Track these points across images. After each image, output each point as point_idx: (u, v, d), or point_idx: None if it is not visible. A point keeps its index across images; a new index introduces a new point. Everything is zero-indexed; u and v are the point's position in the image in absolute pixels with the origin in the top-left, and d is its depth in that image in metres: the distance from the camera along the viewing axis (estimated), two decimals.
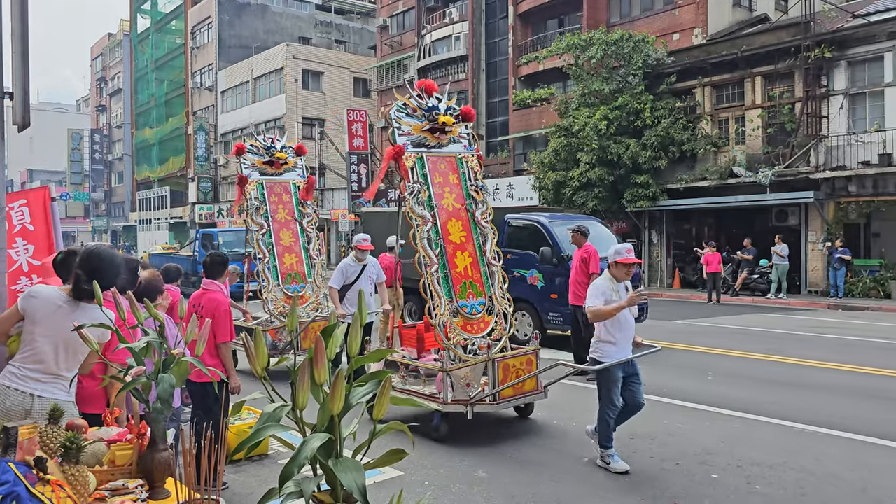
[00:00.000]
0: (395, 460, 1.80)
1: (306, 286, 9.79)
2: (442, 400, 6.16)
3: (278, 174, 10.01)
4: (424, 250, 6.41)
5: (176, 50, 54.27)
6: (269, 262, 9.47)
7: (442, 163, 6.94)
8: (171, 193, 54.74)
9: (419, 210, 6.51)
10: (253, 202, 9.66)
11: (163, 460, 2.70)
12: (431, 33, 34.48)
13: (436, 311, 6.32)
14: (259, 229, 9.53)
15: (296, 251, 9.83)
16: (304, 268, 9.84)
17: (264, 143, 9.89)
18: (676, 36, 24.61)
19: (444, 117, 6.71)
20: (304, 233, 10.02)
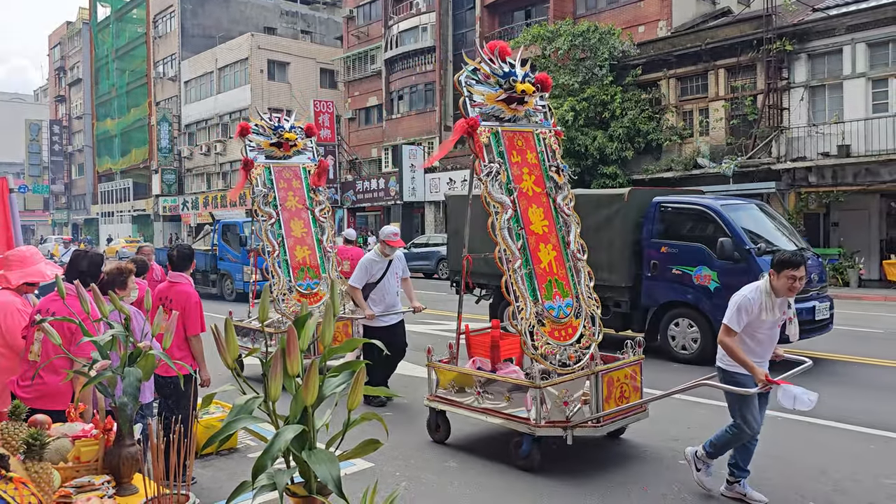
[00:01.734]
0: (370, 450, 1.78)
1: (320, 282, 8.69)
2: (534, 422, 5.15)
3: (287, 157, 8.92)
4: (505, 243, 5.38)
5: (137, 39, 53.20)
6: (278, 255, 8.39)
7: (519, 139, 5.88)
8: (133, 186, 53.76)
9: (498, 195, 5.47)
10: (260, 189, 8.55)
11: (130, 456, 2.65)
12: (398, 24, 34.29)
13: (521, 315, 5.30)
14: (267, 219, 8.48)
15: (308, 243, 8.75)
16: (318, 261, 8.73)
17: (271, 122, 8.85)
18: (642, 28, 24.82)
19: (522, 85, 5.64)
20: (317, 222, 8.93)
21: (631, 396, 5.53)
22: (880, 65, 18.95)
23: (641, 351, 5.74)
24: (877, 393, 7.77)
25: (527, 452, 5.28)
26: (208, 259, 19.52)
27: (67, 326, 3.41)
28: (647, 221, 9.89)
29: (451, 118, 32.77)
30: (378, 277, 7.38)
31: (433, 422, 6.13)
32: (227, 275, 18.95)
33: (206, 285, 19.34)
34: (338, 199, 34.86)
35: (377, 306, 7.37)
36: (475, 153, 5.55)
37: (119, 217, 55.79)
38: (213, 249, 19.44)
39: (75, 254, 3.99)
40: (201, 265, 19.22)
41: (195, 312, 5.03)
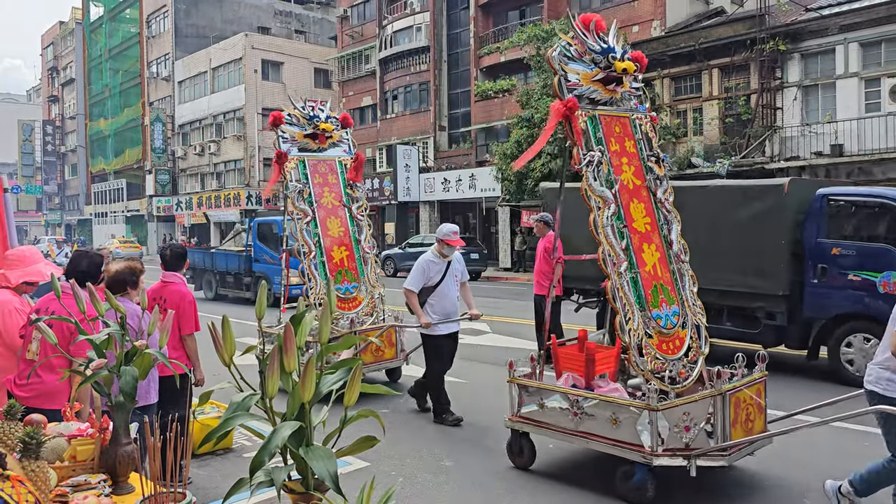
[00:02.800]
0: (367, 447, 1.79)
1: (359, 286, 8.02)
2: (649, 449, 4.47)
3: (321, 150, 8.24)
4: (609, 243, 4.73)
5: (131, 39, 53.05)
6: (315, 257, 7.72)
7: (616, 125, 5.20)
8: (127, 186, 53.61)
9: (599, 188, 4.84)
10: (295, 184, 7.86)
11: (126, 454, 2.65)
12: (393, 24, 34.28)
13: (629, 326, 4.65)
14: (303, 217, 7.78)
15: (346, 243, 8.08)
16: (356, 264, 8.08)
17: (305, 111, 8.15)
18: (636, 28, 24.87)
19: (622, 63, 5.00)
20: (355, 221, 8.26)
21: (756, 420, 4.89)
22: (873, 64, 19.03)
23: (765, 366, 5.04)
24: None
25: (640, 483, 4.58)
26: (241, 261, 18.02)
27: (67, 326, 3.41)
28: (810, 218, 8.37)
29: (445, 118, 32.79)
30: (436, 281, 6.65)
31: (516, 445, 5.42)
32: (263, 277, 16.96)
33: (239, 289, 18.09)
34: None
35: (435, 313, 6.63)
36: (572, 140, 4.92)
37: (112, 218, 55.62)
38: (248, 250, 17.99)
39: (76, 253, 4.00)
40: (233, 267, 18.18)
41: (189, 311, 5.03)
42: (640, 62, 5.26)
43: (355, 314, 7.87)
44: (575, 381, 5.18)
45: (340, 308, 7.67)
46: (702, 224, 8.14)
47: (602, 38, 5.15)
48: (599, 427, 4.79)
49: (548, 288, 9.08)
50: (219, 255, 19.16)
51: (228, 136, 43.59)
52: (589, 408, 4.88)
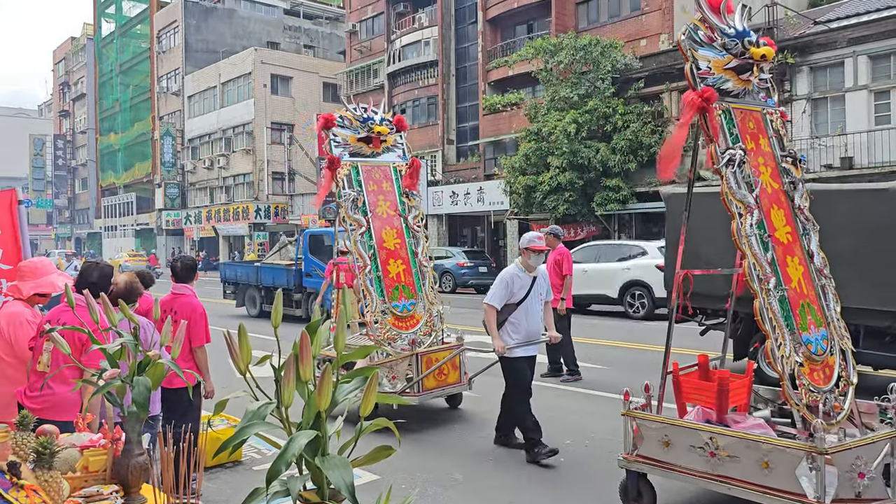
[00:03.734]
0: (382, 457, 1.78)
1: (416, 302, 7.34)
2: (816, 500, 3.77)
3: (375, 154, 7.58)
4: (754, 254, 4.10)
5: (141, 54, 53.56)
6: (370, 270, 7.08)
7: (750, 119, 4.54)
8: (136, 200, 53.96)
9: (740, 192, 4.21)
10: (348, 192, 7.18)
11: (138, 465, 2.64)
12: (401, 38, 34.49)
13: (780, 353, 4.03)
14: (357, 228, 7.11)
15: (402, 256, 7.41)
16: (414, 278, 7.41)
17: (358, 113, 7.51)
18: (643, 42, 24.93)
19: (759, 49, 4.34)
20: (411, 232, 7.58)
21: None
22: (882, 77, 19.00)
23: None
24: None
25: None
26: (290, 275, 16.78)
27: (78, 336, 3.42)
28: None
29: (453, 132, 32.88)
30: (520, 297, 5.88)
31: (633, 489, 4.67)
32: (315, 293, 15.93)
33: (288, 306, 16.49)
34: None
35: (517, 333, 5.88)
36: (708, 136, 4.30)
37: (122, 231, 55.94)
38: (297, 264, 16.80)
39: (86, 265, 4.00)
40: (281, 282, 16.94)
41: (200, 323, 5.03)
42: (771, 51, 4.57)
43: (413, 333, 7.17)
44: (706, 415, 4.50)
45: (397, 327, 7.03)
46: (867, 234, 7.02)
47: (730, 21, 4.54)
48: (744, 471, 4.07)
49: (556, 301, 9.15)
50: (265, 270, 17.89)
51: (237, 149, 43.84)
52: (730, 448, 4.15)
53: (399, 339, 7.03)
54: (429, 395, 6.97)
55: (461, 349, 7.09)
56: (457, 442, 6.49)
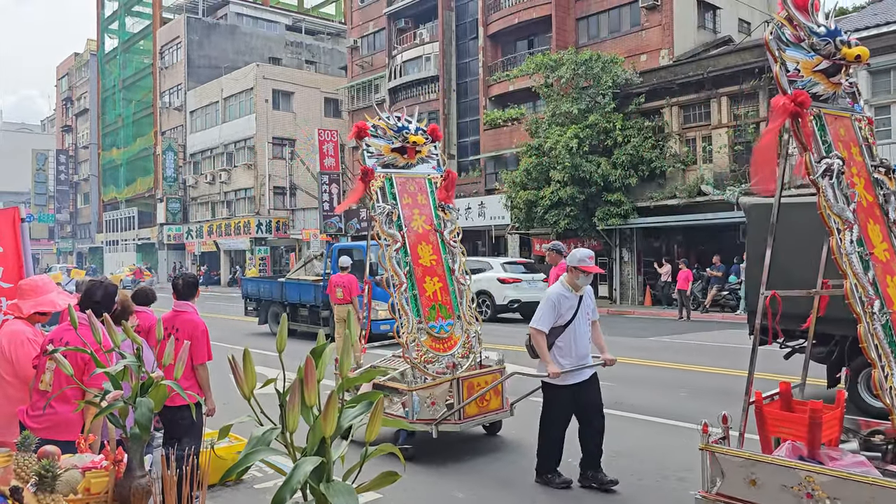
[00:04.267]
0: (388, 483, 1.76)
1: (454, 323, 6.86)
2: None
3: (409, 166, 7.15)
4: (855, 274, 3.73)
5: (144, 70, 53.85)
6: (406, 288, 6.60)
7: (840, 126, 4.24)
8: (138, 214, 54.04)
9: (838, 206, 3.87)
10: (383, 206, 6.75)
11: (141, 487, 2.62)
12: (402, 54, 34.67)
13: (889, 384, 3.69)
14: (392, 243, 6.66)
15: (439, 274, 6.97)
16: (451, 297, 6.96)
17: (392, 122, 7.05)
18: (644, 57, 25.05)
19: (853, 49, 3.98)
20: (447, 248, 7.14)
21: None
22: (882, 92, 19.06)
23: None
24: None
25: None
26: (318, 292, 15.58)
27: (81, 356, 3.40)
28: None
29: (454, 146, 32.96)
30: (567, 318, 5.52)
31: None
32: None
33: (315, 324, 15.69)
34: (342, 227, 34.96)
35: (564, 358, 5.51)
36: (801, 144, 3.98)
37: (124, 246, 55.99)
38: (325, 280, 15.47)
39: (90, 283, 3.99)
40: (308, 299, 16.02)
41: (202, 341, 5.01)
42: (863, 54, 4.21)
43: (451, 356, 6.66)
44: (797, 451, 4.03)
45: (434, 349, 6.56)
46: None
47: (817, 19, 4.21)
48: None
49: None
50: (290, 286, 16.93)
51: (239, 164, 43.95)
52: (830, 488, 3.69)
53: (436, 361, 6.58)
54: (470, 423, 6.45)
55: (508, 375, 6.47)
56: (458, 461, 6.45)
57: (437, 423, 6.17)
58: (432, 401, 6.29)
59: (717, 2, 26.38)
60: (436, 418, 6.22)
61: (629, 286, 24.20)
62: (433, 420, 6.21)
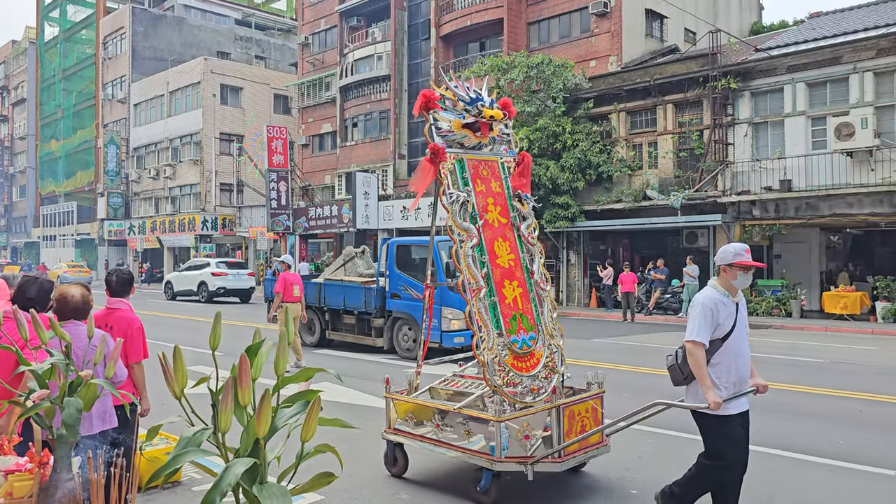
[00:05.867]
0: (324, 484, 1.72)
1: (537, 336, 5.57)
2: None
3: (480, 146, 5.95)
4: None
5: (86, 60, 52.25)
6: (485, 294, 5.37)
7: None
8: (78, 209, 52.40)
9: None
10: (457, 193, 5.51)
11: (67, 491, 2.52)
12: (354, 52, 34.42)
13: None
14: (467, 239, 5.43)
15: (518, 276, 5.71)
16: (531, 305, 5.69)
17: (465, 93, 5.80)
18: (593, 63, 25.41)
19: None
20: (525, 246, 5.88)
21: None
22: (819, 104, 19.74)
23: None
24: (818, 422, 7.95)
25: None
26: (370, 296, 13.12)
27: (6, 354, 3.26)
28: None
29: (405, 146, 32.89)
30: (727, 330, 4.34)
31: None
32: (405, 319, 12.71)
33: (364, 333, 13.40)
34: (290, 226, 34.52)
35: (721, 380, 4.30)
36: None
37: (62, 241, 54.19)
38: (379, 281, 13.18)
39: (24, 280, 3.83)
40: (356, 304, 13.39)
41: (137, 339, 4.86)
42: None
43: (534, 377, 5.34)
44: None
45: (515, 368, 5.27)
46: None
47: None
48: None
49: None
50: (332, 288, 14.19)
51: (185, 160, 43.02)
52: None
53: (520, 384, 5.25)
54: (572, 460, 5.27)
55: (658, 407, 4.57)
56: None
57: (533, 463, 4.96)
58: (525, 434, 5.11)
59: (665, 11, 26.94)
60: (530, 456, 5.03)
61: (575, 288, 24.51)
62: (528, 459, 5.00)
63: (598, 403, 5.59)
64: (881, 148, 18.14)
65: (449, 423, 5.36)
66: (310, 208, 34.59)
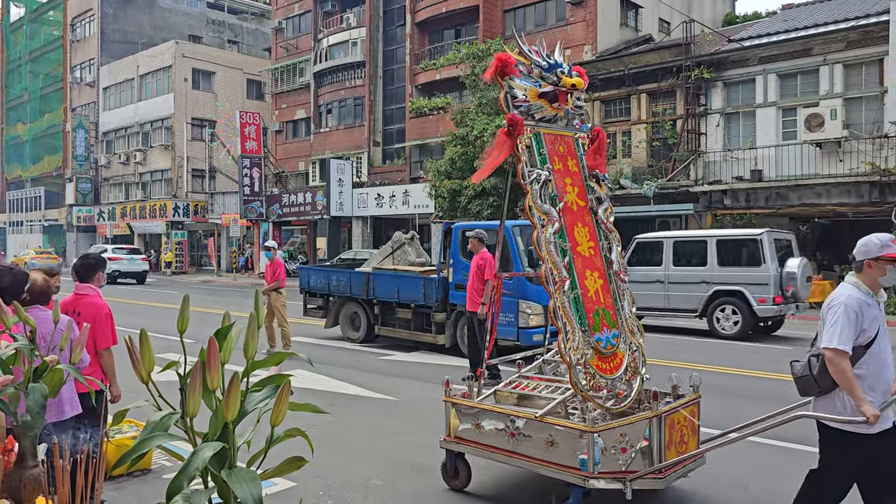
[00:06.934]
0: (294, 468, 1.71)
1: (619, 335, 4.98)
2: None
3: (555, 119, 5.18)
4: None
5: (53, 42, 51.16)
6: (569, 287, 4.69)
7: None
8: (45, 194, 51.40)
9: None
10: (538, 172, 4.80)
11: (32, 478, 2.47)
12: (328, 38, 34.11)
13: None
14: (548, 223, 4.73)
15: (598, 267, 5.10)
16: (612, 298, 5.08)
17: (541, 58, 5.05)
18: (568, 52, 25.44)
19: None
20: (603, 232, 5.24)
21: None
22: (790, 95, 20.00)
23: None
24: None
25: None
26: (429, 287, 11.60)
27: None
28: None
29: (379, 134, 32.73)
30: (871, 335, 3.73)
31: None
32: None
33: (423, 329, 11.90)
34: (263, 213, 34.23)
35: (872, 393, 3.66)
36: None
37: (29, 227, 53.17)
38: (441, 271, 11.64)
39: None
40: (412, 296, 11.84)
41: (106, 325, 4.80)
42: None
43: (617, 380, 4.76)
44: None
45: (599, 370, 4.67)
46: None
47: None
48: None
49: (478, 304, 9.19)
50: (383, 279, 12.48)
51: (156, 145, 42.40)
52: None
53: (605, 386, 4.70)
54: (673, 476, 4.71)
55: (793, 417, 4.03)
56: (375, 448, 6.41)
57: (633, 479, 4.38)
58: (623, 447, 4.47)
59: (640, 1, 27.07)
60: (628, 470, 4.44)
61: None
62: (626, 474, 4.40)
63: (696, 410, 4.97)
64: (849, 139, 18.44)
65: (527, 432, 4.67)
66: (283, 195, 34.32)
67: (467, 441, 5.06)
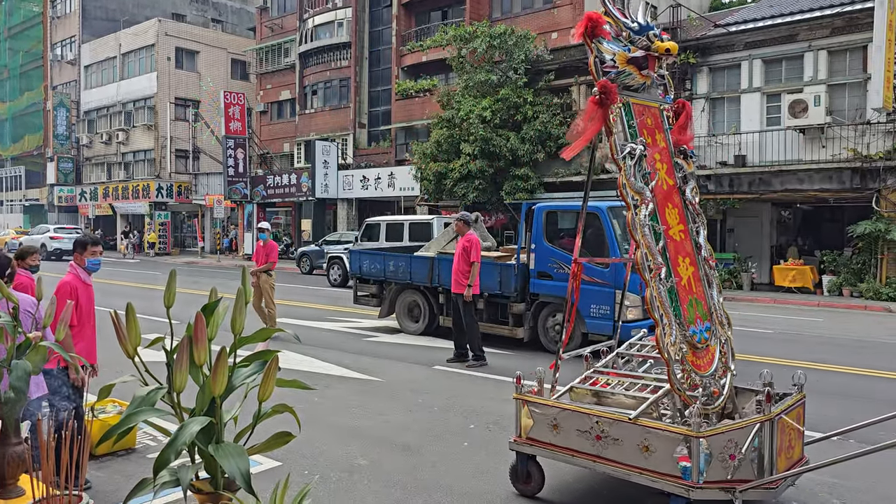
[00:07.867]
0: (281, 444, 1.72)
1: (712, 327, 4.60)
2: None
3: (642, 88, 4.66)
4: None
5: (33, 18, 50.22)
6: (665, 275, 4.25)
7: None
8: (26, 173, 50.76)
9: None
10: (632, 145, 4.34)
11: (16, 455, 2.47)
12: (314, 18, 33.74)
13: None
14: (642, 204, 4.25)
15: (689, 251, 4.67)
16: (703, 287, 4.69)
17: (629, 20, 4.53)
18: (555, 34, 25.36)
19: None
20: (691, 214, 4.84)
21: None
22: (774, 80, 20.08)
23: None
24: None
25: None
26: (507, 275, 10.50)
27: None
28: None
29: (365, 115, 32.53)
30: None
31: None
32: (556, 305, 10.16)
33: (499, 321, 10.77)
34: (248, 194, 34.00)
35: None
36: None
37: (9, 207, 52.55)
38: (522, 256, 10.64)
39: None
40: (488, 283, 10.41)
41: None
42: None
43: (710, 377, 4.33)
44: None
45: (694, 366, 4.25)
46: None
47: None
48: None
49: (464, 286, 9.22)
50: (449, 264, 10.38)
51: (138, 124, 41.90)
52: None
53: (700, 385, 4.26)
54: (784, 485, 4.30)
55: None
56: (360, 427, 6.44)
57: (744, 490, 3.98)
58: (732, 454, 4.02)
59: None
60: (736, 480, 4.01)
61: None
62: (734, 484, 3.99)
63: (801, 412, 4.56)
64: (832, 126, 18.57)
65: (617, 435, 4.23)
66: (268, 176, 34.08)
67: (542, 443, 4.59)
